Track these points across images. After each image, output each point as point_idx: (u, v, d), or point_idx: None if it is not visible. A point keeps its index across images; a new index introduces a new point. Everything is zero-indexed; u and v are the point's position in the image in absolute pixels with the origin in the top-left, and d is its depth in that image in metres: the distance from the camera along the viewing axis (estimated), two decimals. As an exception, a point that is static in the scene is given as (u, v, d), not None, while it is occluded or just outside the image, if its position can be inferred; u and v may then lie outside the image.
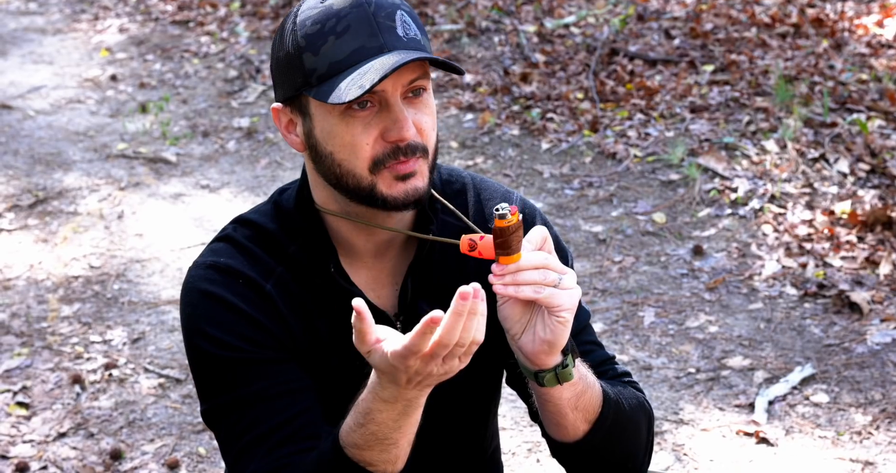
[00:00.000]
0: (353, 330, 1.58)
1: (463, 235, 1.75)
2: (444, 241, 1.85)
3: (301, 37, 1.76)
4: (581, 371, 1.84)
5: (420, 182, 1.80)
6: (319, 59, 1.74)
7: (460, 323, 1.53)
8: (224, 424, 1.88)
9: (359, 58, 1.73)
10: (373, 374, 1.66)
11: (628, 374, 2.07)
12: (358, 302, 1.56)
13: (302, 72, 1.76)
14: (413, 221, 1.93)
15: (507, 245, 1.69)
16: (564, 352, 1.79)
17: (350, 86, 1.70)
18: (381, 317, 1.92)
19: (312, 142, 1.82)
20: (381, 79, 1.67)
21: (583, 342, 2.02)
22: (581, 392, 1.84)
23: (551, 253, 1.75)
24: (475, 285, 1.53)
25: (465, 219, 1.92)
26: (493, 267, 1.72)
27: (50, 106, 7.36)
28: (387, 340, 1.59)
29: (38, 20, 9.41)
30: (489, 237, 1.71)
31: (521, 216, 1.69)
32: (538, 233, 1.75)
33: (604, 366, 2.04)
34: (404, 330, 1.94)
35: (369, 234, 1.90)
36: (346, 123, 1.76)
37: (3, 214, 5.70)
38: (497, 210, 1.66)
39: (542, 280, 1.70)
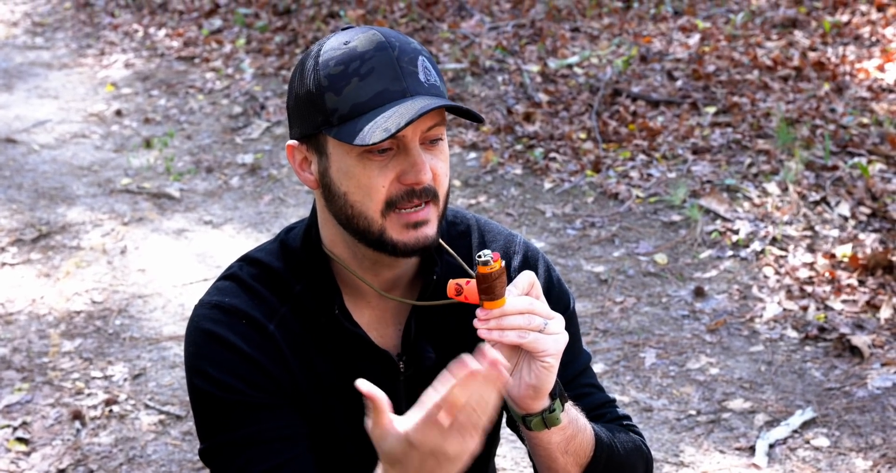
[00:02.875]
0: (368, 415, 1.57)
1: (450, 280, 1.77)
2: (437, 304, 1.87)
3: (324, 76, 1.77)
4: (571, 414, 1.84)
5: (430, 230, 1.82)
6: (342, 99, 1.76)
7: (474, 383, 1.51)
8: (218, 464, 1.89)
9: (382, 101, 1.75)
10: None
11: (627, 418, 2.08)
12: (367, 388, 1.55)
13: (323, 111, 1.77)
14: (418, 263, 1.94)
15: (490, 290, 1.71)
16: (553, 396, 1.79)
17: (374, 130, 1.71)
18: (383, 358, 1.93)
19: (327, 181, 1.83)
20: (406, 124, 1.69)
21: (582, 384, 2.03)
22: (571, 436, 1.84)
23: (538, 298, 1.76)
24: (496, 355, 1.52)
25: (464, 264, 1.93)
26: (478, 311, 1.73)
27: (54, 140, 7.40)
28: (399, 420, 1.56)
29: (44, 55, 9.47)
30: (475, 282, 1.73)
31: (503, 263, 1.71)
32: (525, 278, 1.76)
33: (602, 409, 2.04)
34: (407, 370, 1.94)
35: (374, 275, 1.91)
36: (363, 165, 1.77)
37: (6, 248, 5.72)
38: (479, 257, 1.69)
39: (526, 325, 1.72)
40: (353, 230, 1.82)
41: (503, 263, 1.70)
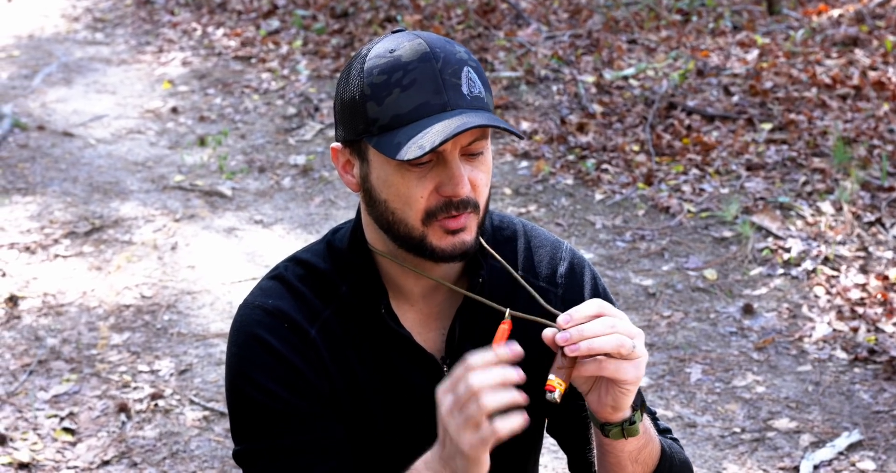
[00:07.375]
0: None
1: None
2: (489, 304, 1.86)
3: (367, 84, 1.77)
4: (646, 423, 1.85)
5: (468, 236, 1.81)
6: (383, 109, 1.76)
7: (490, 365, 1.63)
8: (254, 470, 1.90)
9: (421, 114, 1.74)
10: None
11: (669, 431, 2.07)
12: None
13: (364, 119, 1.78)
14: (463, 266, 1.94)
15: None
16: (633, 407, 1.79)
17: (411, 145, 1.72)
18: (427, 361, 1.93)
19: (368, 187, 1.84)
20: (441, 143, 1.69)
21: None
22: (643, 445, 1.84)
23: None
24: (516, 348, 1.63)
25: (509, 267, 1.92)
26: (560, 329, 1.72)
27: (111, 135, 7.48)
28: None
29: (103, 50, 9.58)
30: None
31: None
32: (594, 305, 1.76)
33: (646, 422, 2.04)
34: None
35: (418, 277, 1.91)
36: (402, 175, 1.78)
37: (59, 240, 5.78)
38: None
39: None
40: (394, 235, 1.83)
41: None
